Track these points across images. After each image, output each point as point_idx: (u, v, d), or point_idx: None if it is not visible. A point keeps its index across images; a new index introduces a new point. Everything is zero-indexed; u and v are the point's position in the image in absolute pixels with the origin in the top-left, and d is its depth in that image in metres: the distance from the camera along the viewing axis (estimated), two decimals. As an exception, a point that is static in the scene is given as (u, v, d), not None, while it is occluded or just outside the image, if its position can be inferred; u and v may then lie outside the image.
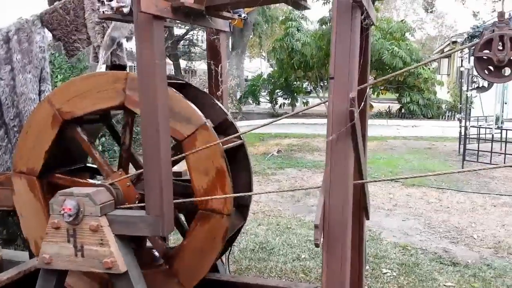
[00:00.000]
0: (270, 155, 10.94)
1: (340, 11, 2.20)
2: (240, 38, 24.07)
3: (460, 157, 10.37)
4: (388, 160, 10.75)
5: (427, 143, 13.86)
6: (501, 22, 2.24)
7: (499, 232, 5.66)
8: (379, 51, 17.45)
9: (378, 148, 12.71)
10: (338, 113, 2.22)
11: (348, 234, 2.34)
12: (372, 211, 6.50)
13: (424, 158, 11.05)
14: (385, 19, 20.32)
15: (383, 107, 22.57)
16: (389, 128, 18.09)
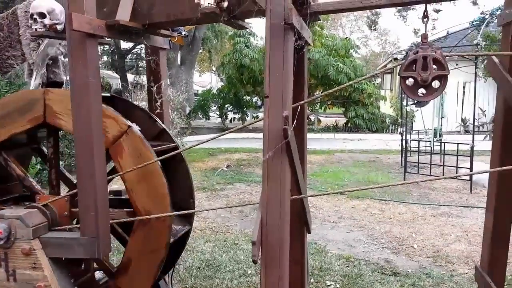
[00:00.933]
0: (219, 170, 10.91)
1: (273, 33, 2.25)
2: (189, 52, 24.02)
3: (403, 169, 10.79)
4: (335, 173, 11.00)
5: (372, 156, 14.31)
6: (424, 44, 2.37)
7: (438, 242, 5.91)
8: (325, 68, 17.95)
9: (326, 162, 12.98)
10: (273, 131, 2.27)
11: (286, 249, 2.37)
12: (318, 224, 6.67)
13: (369, 171, 11.39)
14: (330, 36, 20.97)
15: (330, 122, 23.15)
16: (336, 141, 18.56)
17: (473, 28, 13.81)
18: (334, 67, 18.27)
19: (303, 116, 3.07)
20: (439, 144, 11.70)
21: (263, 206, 2.33)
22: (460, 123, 19.89)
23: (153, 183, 2.77)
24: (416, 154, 11.24)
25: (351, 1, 2.38)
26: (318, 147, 16.40)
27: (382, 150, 15.65)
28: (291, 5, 2.26)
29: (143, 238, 2.81)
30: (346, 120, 22.00)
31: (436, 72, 2.33)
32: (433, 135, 12.17)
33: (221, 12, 2.54)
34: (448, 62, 2.47)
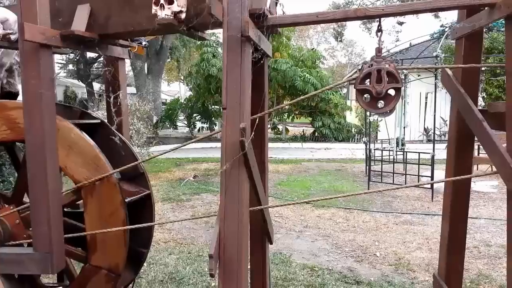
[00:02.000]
0: (186, 181, 10.81)
1: (230, 45, 2.26)
2: (156, 62, 23.81)
3: (367, 178, 10.97)
4: (302, 182, 11.09)
5: (338, 165, 14.50)
6: (378, 57, 2.43)
7: (400, 249, 6.02)
8: (292, 78, 18.15)
9: (293, 171, 13.06)
10: (231, 143, 2.26)
11: (244, 262, 2.36)
12: (284, 233, 6.69)
13: (335, 180, 11.53)
14: (297, 47, 21.26)
15: (298, 131, 23.38)
16: (304, 151, 18.73)
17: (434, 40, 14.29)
18: (301, 77, 18.49)
19: (264, 127, 3.09)
20: (402, 153, 12.00)
21: (220, 218, 2.32)
22: (422, 132, 20.45)
23: (81, 149, 2.75)
24: (380, 163, 11.47)
25: (307, 15, 2.42)
26: (286, 156, 16.51)
27: (348, 159, 15.90)
28: (247, 18, 2.27)
29: (97, 207, 2.79)
30: (313, 130, 22.26)
31: (390, 84, 2.39)
32: (396, 145, 12.47)
33: (179, 23, 2.53)
34: (410, 73, 2.55)
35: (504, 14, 2.23)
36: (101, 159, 2.77)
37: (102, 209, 2.78)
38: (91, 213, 2.79)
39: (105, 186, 2.76)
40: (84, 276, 2.95)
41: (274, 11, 2.79)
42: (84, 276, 2.95)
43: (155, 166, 13.15)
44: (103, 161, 2.77)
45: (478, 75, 2.98)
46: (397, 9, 2.41)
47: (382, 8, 2.36)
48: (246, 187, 2.36)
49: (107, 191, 2.77)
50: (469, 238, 6.52)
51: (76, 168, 2.75)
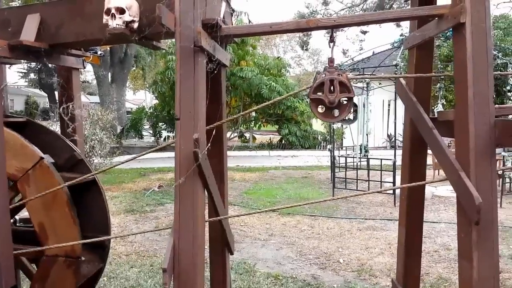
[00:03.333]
0: (150, 191, 10.64)
1: (182, 55, 2.24)
2: (120, 70, 23.44)
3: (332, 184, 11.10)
4: (268, 190, 11.11)
5: (304, 172, 14.63)
6: (331, 67, 2.46)
7: (363, 255, 6.09)
8: (258, 86, 18.24)
9: (260, 179, 13.08)
10: (184, 154, 2.24)
11: (200, 275, 2.33)
12: (249, 242, 6.66)
13: (301, 187, 11.62)
14: (263, 55, 21.41)
15: (265, 139, 23.47)
16: (271, 158, 18.82)
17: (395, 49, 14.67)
18: (267, 85, 18.60)
19: (221, 136, 3.07)
20: (366, 159, 12.21)
21: (174, 231, 2.28)
22: (386, 139, 20.91)
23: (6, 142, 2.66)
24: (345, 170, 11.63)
25: (262, 26, 2.43)
26: (253, 164, 16.54)
27: (314, 166, 16.07)
28: (200, 28, 2.26)
29: (36, 194, 2.67)
30: (280, 137, 22.40)
31: (342, 94, 2.42)
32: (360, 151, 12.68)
33: (131, 33, 2.50)
34: (372, 81, 2.59)
35: (451, 24, 2.30)
36: (27, 146, 2.72)
37: (42, 195, 2.69)
38: (33, 202, 2.69)
39: (39, 171, 2.69)
40: (43, 269, 2.85)
41: (229, 21, 2.79)
42: (43, 269, 2.84)
43: (119, 176, 12.90)
44: (30, 148, 2.72)
45: (429, 83, 3.06)
46: (348, 20, 2.45)
47: (334, 19, 2.39)
48: (201, 198, 2.34)
49: (42, 176, 2.69)
50: (430, 242, 6.70)
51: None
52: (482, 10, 2.21)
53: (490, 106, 2.17)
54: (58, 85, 3.21)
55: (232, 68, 18.33)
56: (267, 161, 17.75)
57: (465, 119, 2.19)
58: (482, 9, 2.21)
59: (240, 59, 18.84)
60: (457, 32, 2.27)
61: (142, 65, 32.30)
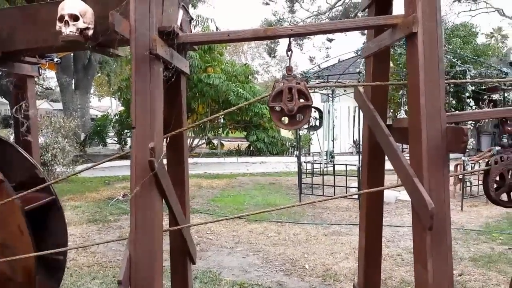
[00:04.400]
0: (114, 200, 10.41)
1: (138, 63, 2.21)
2: (84, 76, 22.96)
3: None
4: (236, 197, 11.07)
5: (272, 178, 14.67)
6: (289, 76, 2.48)
7: (328, 260, 6.14)
8: (226, 93, 18.22)
9: (228, 186, 13.02)
10: (140, 163, 2.20)
11: (158, 286, 2.28)
12: (215, 250, 6.60)
13: (268, 193, 11.63)
14: (230, 62, 21.42)
15: (233, 146, 23.45)
16: (239, 165, 18.80)
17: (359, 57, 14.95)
18: (234, 92, 18.61)
19: (182, 144, 3.04)
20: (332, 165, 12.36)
21: (131, 242, 2.23)
22: (352, 145, 21.24)
23: None
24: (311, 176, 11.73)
25: (219, 34, 2.43)
26: (221, 171, 16.46)
27: (282, 172, 16.15)
28: (156, 35, 2.24)
29: None
30: (248, 144, 22.41)
31: (301, 102, 2.44)
32: (326, 157, 12.84)
33: (85, 40, 2.44)
34: (337, 88, 2.60)
35: (404, 34, 2.36)
36: None
37: None
38: None
39: None
40: None
41: (187, 29, 2.78)
42: None
43: (82, 186, 12.59)
44: None
45: (386, 91, 3.13)
46: (305, 29, 2.48)
47: (291, 28, 2.41)
48: (159, 208, 2.30)
49: None
50: (394, 246, 6.82)
51: None
52: (433, 20, 2.27)
53: (442, 113, 2.24)
54: (15, 91, 3.10)
55: (199, 75, 18.25)
56: (235, 167, 17.72)
57: (418, 126, 2.24)
58: (433, 19, 2.27)
59: (207, 66, 18.77)
60: (410, 41, 2.33)
61: (108, 71, 31.74)
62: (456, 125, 2.20)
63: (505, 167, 2.46)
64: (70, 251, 6.25)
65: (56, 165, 12.06)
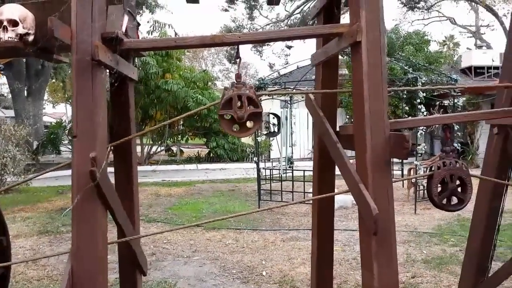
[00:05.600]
0: (67, 210, 10.05)
1: (79, 70, 2.14)
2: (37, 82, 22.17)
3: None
4: (194, 205, 10.95)
5: (232, 185, 14.64)
6: (238, 83, 2.47)
7: (285, 266, 6.16)
8: (184, 99, 18.07)
9: (186, 193, 12.88)
10: (82, 174, 2.12)
11: (102, 300, 2.20)
12: (171, 260, 6.49)
13: (227, 200, 11.59)
14: (189, 68, 21.28)
15: (193, 152, 23.24)
16: (198, 172, 18.65)
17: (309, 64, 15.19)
18: (193, 98, 18.48)
19: (130, 152, 2.97)
20: (291, 171, 12.48)
21: (73, 255, 2.15)
22: (311, 150, 21.53)
23: None
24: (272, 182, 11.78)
25: (165, 40, 2.40)
26: (180, 178, 16.27)
27: (242, 178, 16.14)
28: (98, 41, 2.17)
29: None
30: (208, 151, 22.28)
31: (251, 109, 2.43)
32: (286, 163, 12.95)
33: (25, 46, 2.35)
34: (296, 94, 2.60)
35: (349, 42, 2.40)
36: None
37: None
38: None
39: None
40: None
41: (134, 35, 2.72)
42: None
43: (34, 196, 12.11)
44: None
45: (335, 99, 3.18)
46: (253, 37, 2.48)
47: (239, 35, 2.41)
48: (102, 219, 2.22)
49: None
50: (349, 250, 6.93)
51: None
52: (377, 29, 2.32)
53: (385, 120, 2.29)
54: None
55: (156, 81, 18.01)
56: (195, 174, 17.57)
57: (362, 133, 2.28)
58: (377, 29, 2.32)
59: (165, 72, 18.56)
60: (354, 50, 2.37)
61: (62, 77, 30.83)
62: (399, 132, 2.25)
63: (447, 172, 2.53)
64: (19, 265, 5.99)
65: (6, 174, 11.56)
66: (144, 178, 16.40)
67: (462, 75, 25.98)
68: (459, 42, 38.46)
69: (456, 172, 2.52)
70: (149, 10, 22.34)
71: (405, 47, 21.02)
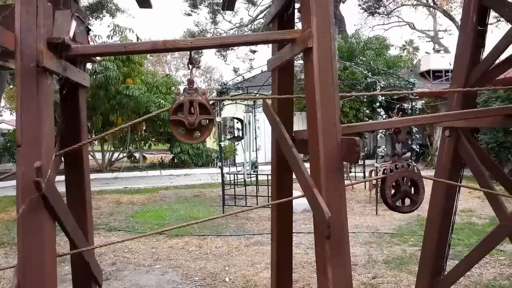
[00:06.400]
0: (24, 221, 9.69)
1: (24, 77, 2.07)
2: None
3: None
4: (157, 212, 10.78)
5: (197, 190, 14.51)
6: (190, 89, 2.44)
7: (249, 272, 6.14)
8: (147, 104, 17.81)
9: (149, 201, 12.67)
10: (26, 184, 2.04)
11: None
12: (132, 270, 6.35)
13: (192, 206, 11.48)
14: (151, 73, 21.01)
15: (156, 158, 22.92)
16: (162, 178, 18.40)
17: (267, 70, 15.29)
18: (155, 104, 18.24)
19: (81, 160, 2.89)
20: (255, 175, 12.49)
21: (19, 270, 2.06)
22: (276, 154, 21.62)
23: None
24: (236, 187, 11.75)
25: (115, 46, 2.35)
26: (143, 185, 16.00)
27: (207, 184, 16.03)
28: (43, 47, 2.10)
29: None
30: (172, 156, 22.03)
31: (202, 116, 2.41)
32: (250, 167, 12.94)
33: (-35, 51, 2.24)
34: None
35: (301, 48, 2.42)
36: None
37: None
38: None
39: None
40: None
41: (84, 40, 2.65)
42: None
43: (-12, 206, 11.62)
44: None
45: (291, 104, 3.20)
46: (206, 42, 2.46)
47: (191, 41, 2.38)
48: (49, 231, 2.14)
49: None
50: (312, 253, 6.97)
51: None
52: (327, 35, 2.35)
53: (337, 125, 2.31)
54: None
55: (117, 86, 17.67)
56: (158, 181, 17.32)
57: (315, 138, 2.30)
58: (327, 34, 2.35)
59: (126, 77, 18.24)
60: (306, 56, 2.39)
61: (19, 83, 29.77)
62: (350, 137, 2.28)
63: (399, 174, 2.59)
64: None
65: None
66: (105, 185, 16.04)
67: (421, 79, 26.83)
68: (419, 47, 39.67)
69: (408, 175, 2.57)
70: (109, 14, 21.91)
71: (366, 51, 21.50)
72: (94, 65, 17.79)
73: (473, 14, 3.30)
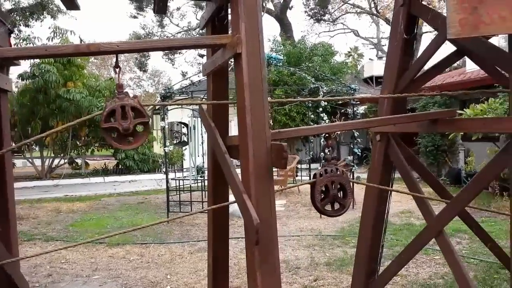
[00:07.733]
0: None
1: None
2: None
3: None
4: (98, 220, 10.43)
5: (141, 197, 14.19)
6: (120, 93, 2.37)
7: (191, 279, 6.05)
8: (88, 108, 17.22)
9: (90, 208, 12.23)
10: None
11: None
12: (69, 281, 6.10)
13: (135, 214, 11.20)
14: (93, 76, 20.37)
15: (99, 164, 22.21)
16: (105, 185, 17.84)
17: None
18: (98, 108, 17.67)
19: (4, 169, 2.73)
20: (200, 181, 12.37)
21: None
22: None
23: None
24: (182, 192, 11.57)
25: (35, 49, 2.25)
26: (85, 193, 15.44)
27: (152, 190, 15.71)
28: (-49, 48, 1.97)
29: None
30: (116, 162, 21.41)
31: (137, 120, 2.34)
32: (196, 173, 12.82)
33: None
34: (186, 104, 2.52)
35: (231, 54, 2.41)
36: None
37: None
38: None
39: None
40: None
41: (5, 43, 2.51)
42: None
43: None
44: None
45: (226, 109, 3.18)
46: (132, 46, 2.40)
47: (117, 44, 2.32)
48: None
49: None
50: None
51: None
52: (256, 41, 2.36)
53: (267, 131, 2.33)
54: None
55: (57, 90, 16.98)
56: (101, 188, 16.77)
57: (245, 144, 2.30)
58: (256, 40, 2.36)
59: (66, 80, 17.56)
60: (236, 61, 2.39)
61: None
62: (279, 142, 2.30)
63: (328, 179, 2.64)
64: None
65: None
66: (45, 193, 15.34)
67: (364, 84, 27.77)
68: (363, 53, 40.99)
69: (337, 179, 2.63)
70: (50, 15, 21.01)
71: (313, 57, 21.93)
72: (33, 68, 17.01)
73: (401, 22, 3.43)
